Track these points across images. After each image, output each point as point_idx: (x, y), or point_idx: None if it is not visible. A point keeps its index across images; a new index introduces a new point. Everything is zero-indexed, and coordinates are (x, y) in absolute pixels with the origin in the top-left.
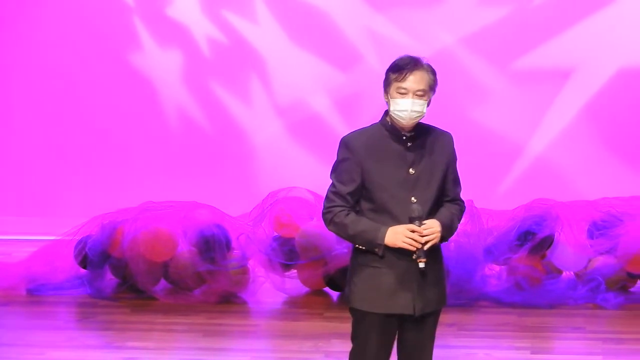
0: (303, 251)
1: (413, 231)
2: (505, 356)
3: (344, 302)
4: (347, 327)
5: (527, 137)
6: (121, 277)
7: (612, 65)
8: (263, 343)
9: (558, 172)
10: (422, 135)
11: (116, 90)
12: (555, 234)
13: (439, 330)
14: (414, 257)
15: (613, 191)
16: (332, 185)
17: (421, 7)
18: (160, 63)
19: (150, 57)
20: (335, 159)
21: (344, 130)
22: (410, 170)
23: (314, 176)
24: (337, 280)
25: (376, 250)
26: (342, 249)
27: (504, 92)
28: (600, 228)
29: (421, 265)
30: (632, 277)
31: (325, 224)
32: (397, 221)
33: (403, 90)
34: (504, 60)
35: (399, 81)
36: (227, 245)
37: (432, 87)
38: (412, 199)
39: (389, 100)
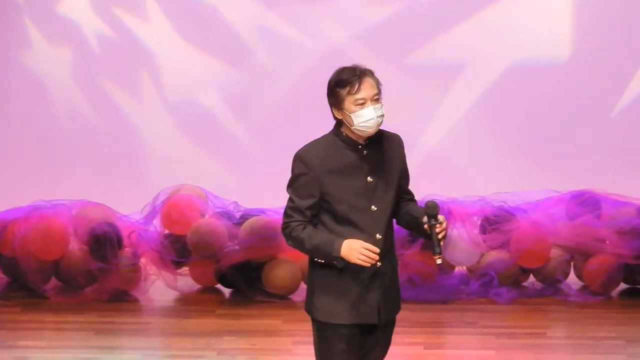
0: (195, 248)
1: (368, 248)
2: (399, 352)
3: (307, 313)
4: (240, 324)
5: (420, 132)
6: (12, 276)
7: (504, 60)
8: (155, 341)
9: (450, 167)
10: (376, 142)
11: (5, 89)
12: (448, 230)
13: None
14: (433, 255)
15: (505, 186)
16: (290, 199)
17: (312, 3)
18: (50, 61)
19: (40, 55)
20: (291, 173)
21: (235, 126)
22: (369, 178)
23: (205, 173)
24: (229, 277)
25: (335, 262)
26: (233, 246)
27: (396, 87)
28: (493, 223)
29: (439, 261)
30: (525, 272)
31: (285, 238)
32: (361, 230)
33: (361, 101)
34: (396, 55)
35: (353, 94)
36: (119, 243)
37: (379, 89)
38: (373, 207)
39: (345, 116)
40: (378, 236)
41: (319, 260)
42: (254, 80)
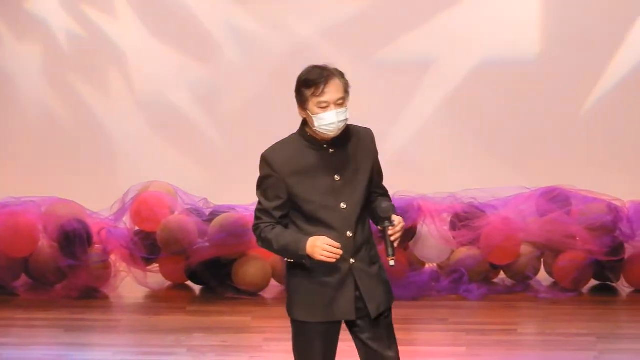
0: (164, 245)
1: (333, 244)
2: None
3: (286, 312)
4: (210, 320)
5: (389, 129)
6: None
7: (474, 57)
8: (125, 338)
9: (420, 164)
10: (343, 139)
11: None
12: (418, 226)
13: None
14: (387, 257)
15: (475, 183)
16: (258, 201)
17: None
18: (19, 58)
19: (8, 52)
20: (259, 174)
21: (204, 123)
22: (336, 176)
23: (174, 170)
24: (199, 274)
25: (304, 261)
26: (203, 243)
27: (365, 84)
28: (463, 219)
29: (392, 263)
30: (495, 268)
31: (256, 239)
32: (331, 229)
33: (324, 104)
34: (365, 51)
35: (317, 96)
36: (88, 240)
37: (347, 92)
38: (342, 205)
39: (308, 116)
40: (349, 234)
41: (289, 260)
42: (223, 77)
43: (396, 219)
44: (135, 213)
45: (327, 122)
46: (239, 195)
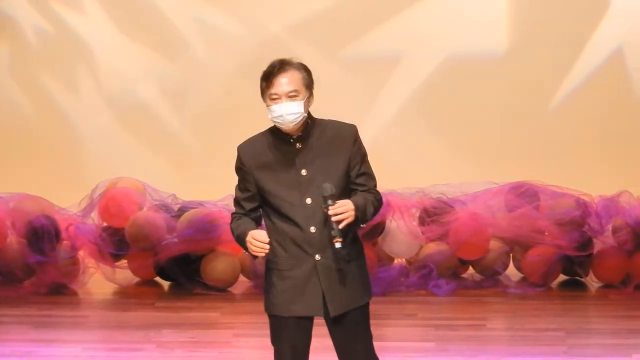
0: (133, 241)
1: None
2: None
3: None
4: (179, 316)
5: (357, 125)
6: None
7: (441, 52)
8: (94, 334)
9: (388, 159)
10: (314, 134)
11: None
12: (387, 222)
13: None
14: (332, 237)
15: (444, 178)
16: (235, 191)
17: None
18: None
19: None
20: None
21: (172, 119)
22: (303, 171)
23: (142, 166)
24: (168, 269)
25: (267, 254)
26: (172, 239)
27: (333, 80)
28: (432, 215)
29: (337, 245)
30: (464, 264)
31: None
32: (296, 225)
33: (275, 96)
34: (333, 47)
35: (269, 88)
36: (57, 236)
37: (307, 85)
38: (307, 200)
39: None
40: (312, 229)
41: (245, 252)
42: (191, 73)
43: (341, 202)
44: (103, 209)
45: (277, 114)
46: (207, 191)
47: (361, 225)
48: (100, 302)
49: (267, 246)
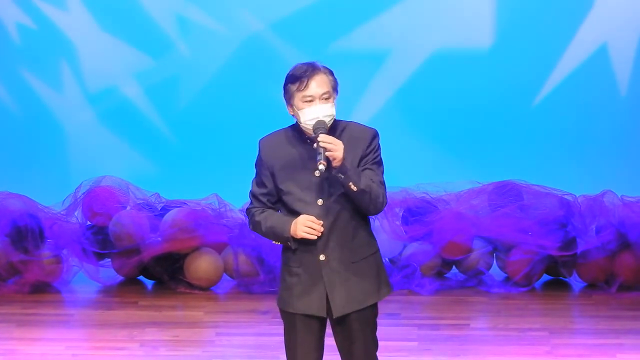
0: (117, 240)
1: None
2: None
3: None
4: (162, 315)
5: None
6: None
7: (425, 50)
8: (77, 332)
9: None
10: (333, 135)
11: None
12: (370, 220)
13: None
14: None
15: (427, 177)
16: (251, 185)
17: None
18: None
19: None
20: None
21: (156, 117)
22: (316, 172)
23: (126, 164)
24: (151, 269)
25: (288, 244)
26: (155, 238)
27: None
28: (415, 214)
29: (320, 167)
30: (447, 263)
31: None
32: None
33: (309, 98)
34: (317, 44)
35: (302, 90)
36: (40, 235)
37: (334, 88)
38: (319, 201)
39: (295, 113)
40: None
41: (276, 243)
42: (175, 71)
43: (335, 139)
44: (87, 208)
45: (311, 116)
46: (191, 190)
47: (352, 188)
48: (84, 300)
49: (322, 228)
